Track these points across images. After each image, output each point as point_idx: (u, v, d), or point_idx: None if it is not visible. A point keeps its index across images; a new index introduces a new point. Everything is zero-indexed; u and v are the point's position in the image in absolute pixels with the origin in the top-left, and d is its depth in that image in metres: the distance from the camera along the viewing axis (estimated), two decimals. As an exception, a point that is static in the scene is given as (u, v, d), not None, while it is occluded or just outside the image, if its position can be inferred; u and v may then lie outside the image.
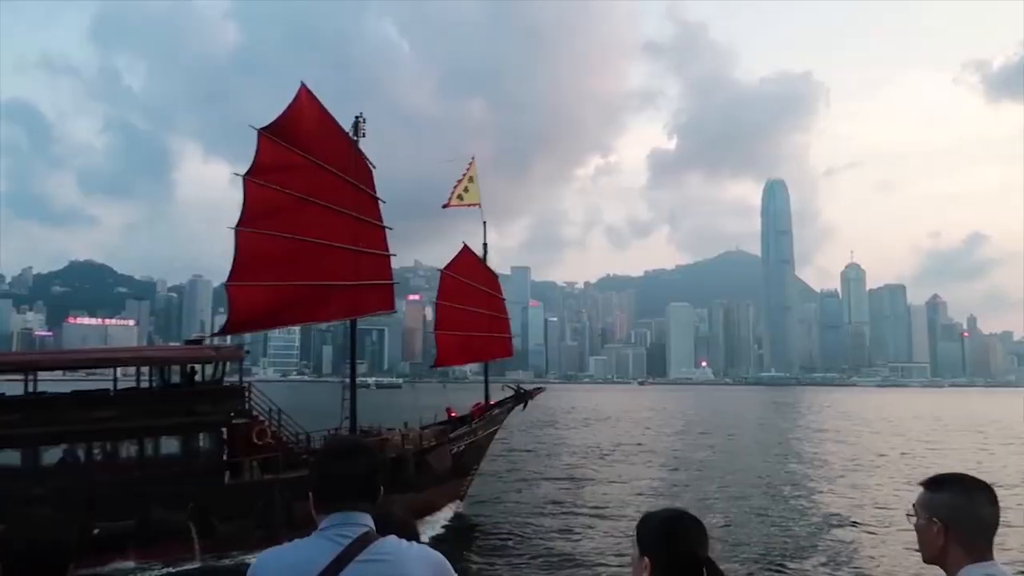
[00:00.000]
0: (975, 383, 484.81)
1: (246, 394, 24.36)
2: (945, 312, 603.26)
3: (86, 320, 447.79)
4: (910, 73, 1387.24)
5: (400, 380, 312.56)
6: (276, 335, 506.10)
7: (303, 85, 25.69)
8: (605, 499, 32.38)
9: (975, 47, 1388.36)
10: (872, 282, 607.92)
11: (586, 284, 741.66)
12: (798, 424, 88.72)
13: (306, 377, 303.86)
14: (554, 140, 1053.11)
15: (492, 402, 32.62)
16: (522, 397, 32.59)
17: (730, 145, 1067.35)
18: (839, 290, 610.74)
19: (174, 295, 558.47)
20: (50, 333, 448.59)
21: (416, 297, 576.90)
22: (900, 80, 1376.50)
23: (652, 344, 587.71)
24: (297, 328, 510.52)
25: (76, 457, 21.66)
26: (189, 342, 29.57)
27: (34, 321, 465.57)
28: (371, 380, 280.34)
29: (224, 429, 23.26)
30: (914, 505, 2.68)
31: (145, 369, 24.37)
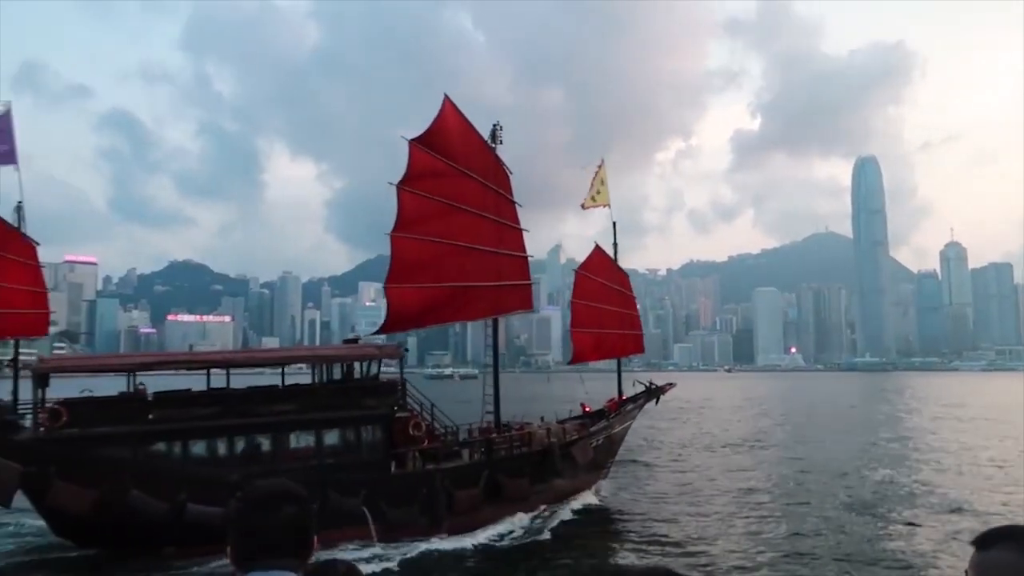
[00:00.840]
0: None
1: (403, 389, 25.75)
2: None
3: (186, 317, 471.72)
4: (1011, 36, 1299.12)
5: (476, 371, 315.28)
6: (362, 327, 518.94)
7: (446, 97, 26.88)
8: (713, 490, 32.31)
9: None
10: (974, 261, 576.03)
11: (668, 271, 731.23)
12: (910, 414, 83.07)
13: (440, 369, 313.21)
14: (633, 125, 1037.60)
15: (625, 397, 33.25)
16: (654, 393, 33.29)
17: (817, 122, 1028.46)
18: (938, 270, 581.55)
19: (266, 291, 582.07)
20: (154, 330, 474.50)
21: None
22: (1000, 44, 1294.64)
23: (738, 330, 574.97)
24: (382, 319, 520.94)
25: (264, 447, 23.61)
26: (347, 341, 31.89)
27: (139, 319, 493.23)
28: (451, 371, 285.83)
29: (388, 422, 24.69)
30: (966, 571, 2.23)
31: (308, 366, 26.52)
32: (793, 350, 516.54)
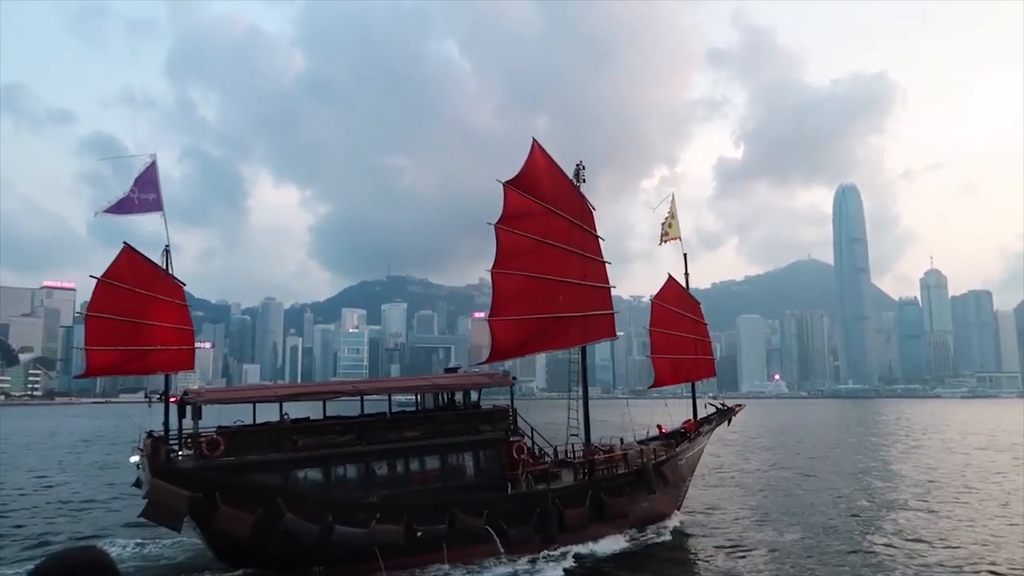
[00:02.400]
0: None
1: (515, 415, 27.37)
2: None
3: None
4: (991, 70, 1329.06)
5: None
6: (345, 355, 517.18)
7: (535, 141, 28.77)
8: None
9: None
10: (955, 289, 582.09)
11: (652, 297, 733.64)
12: (891, 441, 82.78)
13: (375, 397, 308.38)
14: (619, 152, 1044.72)
15: (701, 418, 35.00)
16: (726, 414, 35.23)
17: (800, 151, 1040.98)
18: (919, 298, 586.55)
19: (247, 317, 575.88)
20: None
21: (481, 315, 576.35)
22: (981, 77, 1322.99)
23: (722, 357, 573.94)
24: (365, 346, 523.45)
25: (395, 470, 24.82)
26: (448, 370, 33.60)
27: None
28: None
29: (502, 446, 26.38)
30: None
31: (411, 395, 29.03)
32: (777, 377, 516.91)
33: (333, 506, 22.24)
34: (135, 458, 24.56)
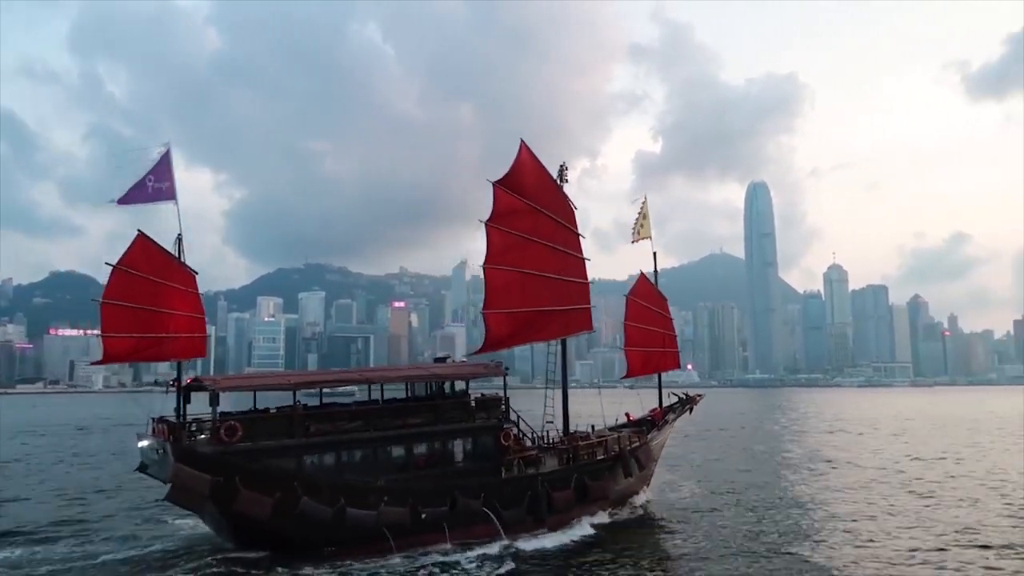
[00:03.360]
0: (956, 382, 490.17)
1: (507, 404, 28.80)
2: (927, 312, 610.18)
3: (68, 331, 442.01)
4: (893, 74, 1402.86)
5: (355, 389, 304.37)
6: (260, 344, 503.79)
7: (522, 142, 30.10)
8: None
9: (955, 47, 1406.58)
10: (856, 282, 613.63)
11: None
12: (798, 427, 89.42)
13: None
14: (541, 142, 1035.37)
15: (666, 407, 37.72)
16: (687, 403, 37.75)
17: (715, 147, 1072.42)
18: (822, 291, 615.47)
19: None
20: (31, 345, 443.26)
21: (401, 304, 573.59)
22: (883, 81, 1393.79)
23: (553, 344, 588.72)
24: (281, 335, 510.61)
25: (399, 455, 25.87)
26: (437, 360, 35.01)
27: (14, 333, 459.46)
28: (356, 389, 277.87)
29: (496, 432, 27.80)
30: None
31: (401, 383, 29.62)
32: (689, 367, 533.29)
33: (345, 490, 23.30)
34: (143, 443, 24.95)
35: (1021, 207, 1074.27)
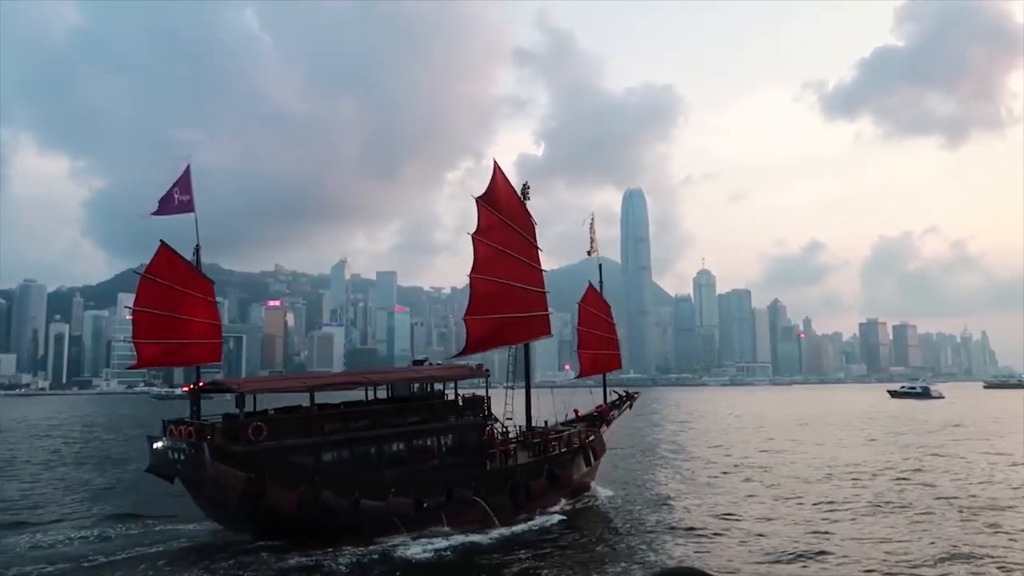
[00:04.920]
0: (809, 380, 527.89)
1: (489, 402, 31.26)
2: (785, 315, 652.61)
3: None
4: (758, 90, 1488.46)
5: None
6: (121, 343, 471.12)
7: (496, 163, 33.31)
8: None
9: (814, 69, 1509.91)
10: (723, 287, 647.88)
11: (453, 289, 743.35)
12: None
13: (158, 389, 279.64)
14: (426, 143, 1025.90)
15: (610, 403, 40.41)
16: (627, 400, 40.98)
17: (595, 153, 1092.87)
18: (692, 295, 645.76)
19: (2, 301, 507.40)
20: None
21: (276, 303, 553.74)
22: (750, 97, 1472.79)
23: (517, 348, 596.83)
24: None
25: (401, 450, 27.88)
26: (416, 362, 37.09)
27: None
28: (178, 390, 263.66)
29: (481, 428, 30.42)
30: None
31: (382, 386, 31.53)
32: (567, 367, 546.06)
33: (359, 483, 25.44)
34: (159, 444, 26.25)
35: (867, 220, 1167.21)
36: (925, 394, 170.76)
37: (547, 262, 35.87)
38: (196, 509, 26.81)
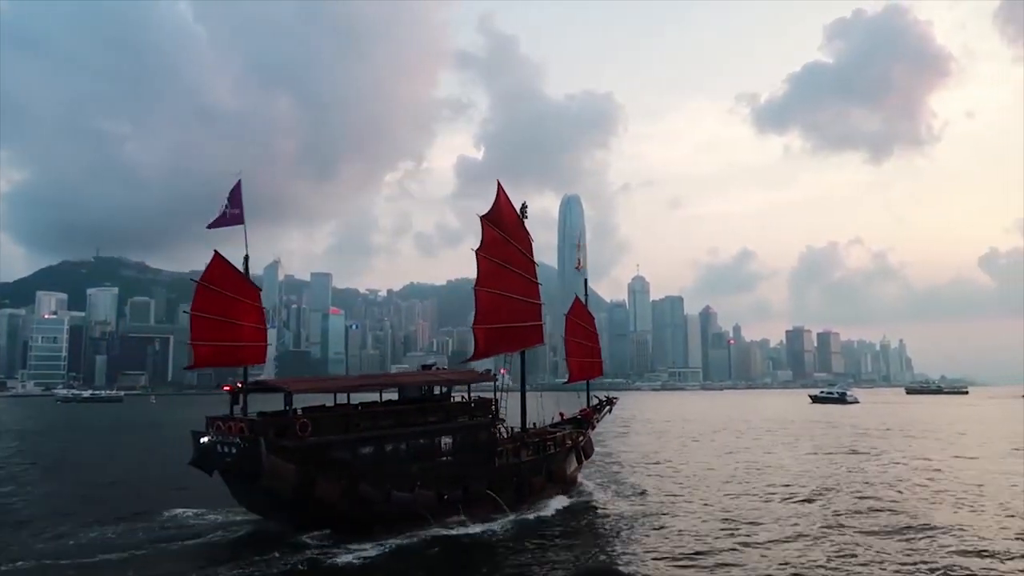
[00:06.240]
0: (738, 386, 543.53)
1: (497, 404, 33.96)
2: (716, 322, 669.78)
3: None
4: (694, 102, 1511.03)
5: (122, 393, 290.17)
6: (39, 344, 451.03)
7: (499, 183, 36.07)
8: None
9: (747, 81, 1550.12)
10: (657, 293, 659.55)
11: (389, 292, 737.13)
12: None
13: (64, 391, 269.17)
14: (364, 143, 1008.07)
15: (593, 406, 43.86)
16: (606, 404, 44.67)
17: (535, 158, 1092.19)
18: (627, 301, 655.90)
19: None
20: None
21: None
22: (686, 107, 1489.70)
23: (454, 352, 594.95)
24: (64, 335, 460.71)
25: (424, 446, 29.83)
26: (424, 367, 39.60)
27: None
28: (89, 393, 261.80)
29: (491, 427, 32.84)
30: None
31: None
32: (503, 371, 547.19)
33: (390, 477, 27.53)
34: (206, 439, 28.01)
35: (796, 230, 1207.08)
36: (841, 399, 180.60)
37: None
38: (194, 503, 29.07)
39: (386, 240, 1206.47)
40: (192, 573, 22.95)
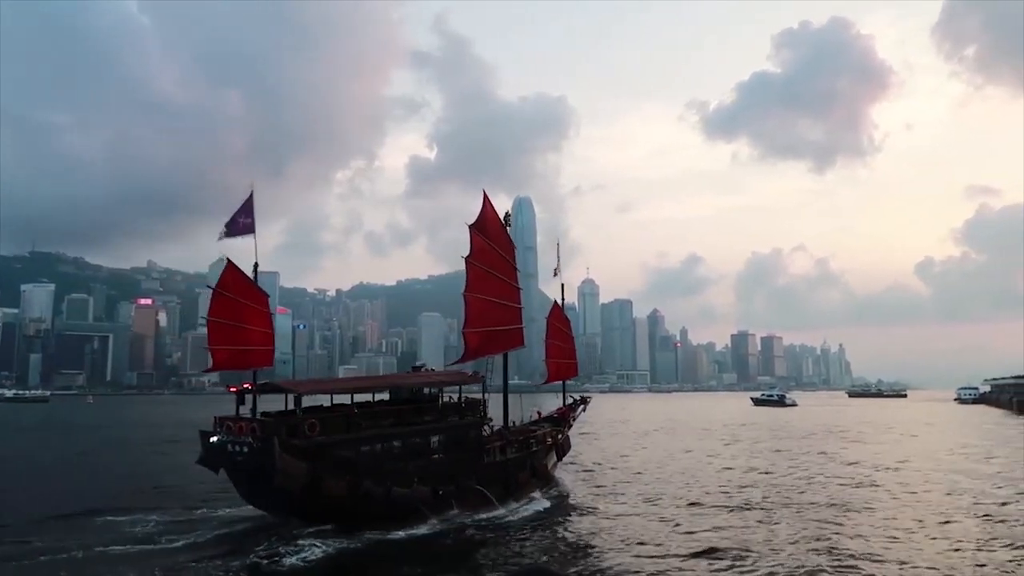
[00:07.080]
0: (684, 388, 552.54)
1: (486, 404, 35.27)
2: (663, 325, 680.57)
3: None
4: (645, 107, 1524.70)
5: (48, 393, 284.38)
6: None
7: (485, 193, 37.91)
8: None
9: (697, 88, 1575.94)
10: (606, 296, 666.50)
11: (338, 292, 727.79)
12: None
13: (8, 391, 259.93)
14: (315, 141, 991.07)
15: (568, 405, 45.29)
16: (581, 403, 46.31)
17: (487, 159, 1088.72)
18: (577, 304, 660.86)
19: None
20: None
21: (147, 302, 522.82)
22: (637, 113, 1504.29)
23: (403, 353, 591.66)
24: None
25: (419, 444, 31.14)
26: (414, 368, 40.68)
27: None
28: (13, 393, 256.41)
29: (480, 426, 34.41)
30: None
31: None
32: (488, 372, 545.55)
33: (391, 474, 28.63)
34: (215, 438, 28.51)
35: (742, 236, 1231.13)
36: (780, 402, 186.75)
37: (436, 267, 37.51)
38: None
39: (336, 239, 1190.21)
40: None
